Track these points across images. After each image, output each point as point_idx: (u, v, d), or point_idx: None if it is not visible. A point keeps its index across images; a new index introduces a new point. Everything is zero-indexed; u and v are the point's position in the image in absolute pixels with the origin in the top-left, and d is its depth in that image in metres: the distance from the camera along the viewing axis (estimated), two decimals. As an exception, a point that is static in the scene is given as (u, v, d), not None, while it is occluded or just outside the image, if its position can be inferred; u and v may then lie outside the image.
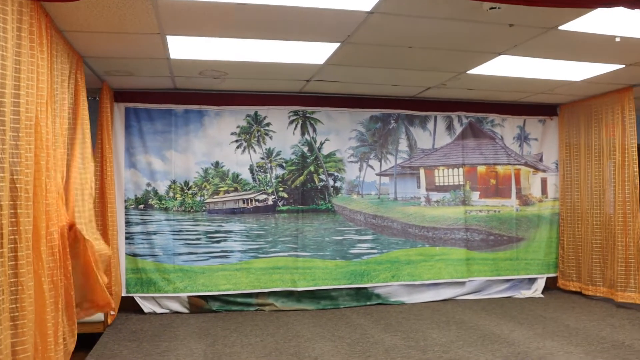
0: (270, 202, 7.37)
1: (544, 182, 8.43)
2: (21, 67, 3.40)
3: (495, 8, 4.17)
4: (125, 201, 6.95)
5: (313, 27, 4.67)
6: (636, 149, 7.09)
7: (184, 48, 5.25)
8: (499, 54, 5.59)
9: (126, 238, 6.91)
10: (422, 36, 4.97)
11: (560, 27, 4.78)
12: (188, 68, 6.02)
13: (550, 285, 8.34)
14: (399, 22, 4.55)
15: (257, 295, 7.20)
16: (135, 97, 6.96)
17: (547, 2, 3.32)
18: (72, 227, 4.49)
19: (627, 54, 5.67)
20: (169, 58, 5.56)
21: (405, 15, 4.38)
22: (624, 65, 6.12)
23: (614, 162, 7.35)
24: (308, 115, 7.48)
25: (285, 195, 7.43)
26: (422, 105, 7.82)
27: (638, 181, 7.06)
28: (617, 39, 5.10)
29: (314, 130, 7.49)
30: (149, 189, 7.04)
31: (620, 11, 4.36)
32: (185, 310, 7.01)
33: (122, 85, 6.74)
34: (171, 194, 7.08)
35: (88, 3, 3.98)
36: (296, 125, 7.45)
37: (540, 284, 8.22)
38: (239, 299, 7.15)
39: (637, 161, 7.09)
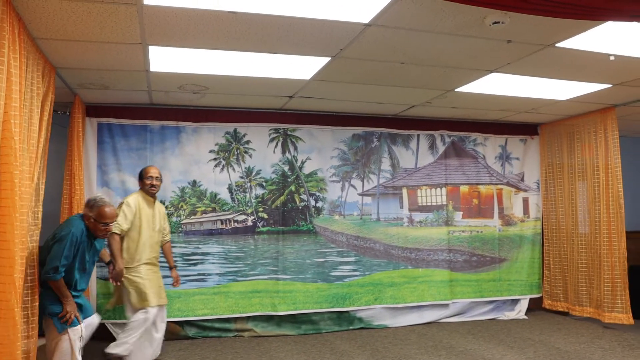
0: (249, 223, 7.08)
1: (525, 201, 8.35)
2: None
3: (498, 23, 4.03)
4: (96, 222, 6.55)
5: (306, 39, 4.45)
6: (620, 168, 7.05)
7: (165, 60, 4.97)
8: (491, 72, 5.47)
9: (98, 261, 6.51)
10: (417, 52, 4.79)
11: (558, 45, 4.67)
12: (167, 82, 5.74)
13: (533, 306, 8.22)
14: (396, 35, 4.36)
15: (235, 320, 6.87)
16: (109, 112, 6.63)
17: (561, 13, 3.16)
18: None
19: (617, 73, 5.62)
20: (148, 70, 5.27)
21: (404, 28, 4.19)
22: (611, 85, 6.08)
23: (597, 182, 7.30)
24: (289, 133, 7.24)
25: (265, 216, 7.14)
26: (405, 124, 7.67)
27: (622, 201, 7.02)
28: (612, 58, 5.03)
29: (295, 148, 7.25)
30: (122, 209, 6.67)
31: (616, 28, 4.30)
32: (160, 338, 6.64)
33: (95, 100, 6.40)
34: (146, 215, 6.72)
35: (67, 8, 3.69)
36: (277, 144, 7.20)
37: (524, 305, 8.10)
38: (216, 325, 6.80)
39: (621, 181, 7.06)
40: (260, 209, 7.12)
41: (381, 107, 7.04)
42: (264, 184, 7.14)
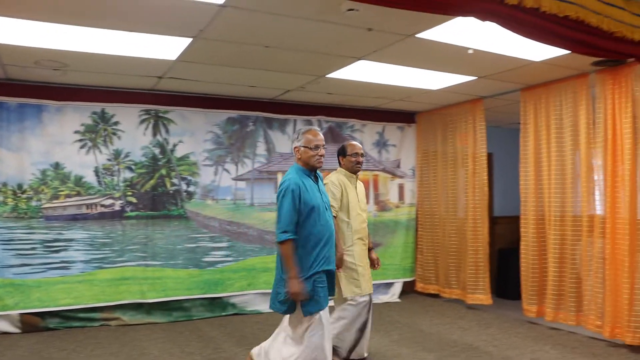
0: (117, 208, 6.79)
1: (401, 188, 8.55)
2: None
3: (353, 10, 4.02)
4: (-56, 206, 6.07)
5: (162, 18, 4.28)
6: (485, 157, 7.36)
7: (13, 32, 4.60)
8: (359, 59, 5.51)
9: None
10: (279, 36, 4.73)
11: (418, 35, 4.76)
12: (20, 56, 5.33)
13: (407, 289, 8.47)
14: (254, 18, 4.27)
15: (102, 309, 6.59)
16: (-41, 87, 6.13)
17: (402, 4, 3.18)
18: None
19: (479, 66, 5.83)
20: (-7, 43, 4.89)
21: (260, 11, 4.11)
22: (476, 77, 6.30)
23: (466, 170, 7.58)
24: (161, 114, 6.98)
25: (134, 200, 6.87)
26: (281, 108, 7.61)
27: (487, 188, 7.33)
28: (470, 51, 5.20)
29: (167, 131, 7.00)
30: (-26, 192, 6.22)
31: (473, 24, 4.42)
32: (17, 330, 6.22)
33: (-60, 73, 5.89)
34: (1, 198, 6.28)
35: None
36: (147, 125, 6.92)
37: (397, 288, 8.32)
38: (80, 315, 6.49)
39: (486, 169, 7.36)
40: (129, 193, 6.84)
41: (255, 90, 6.94)
42: (133, 167, 6.86)
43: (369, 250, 5.22)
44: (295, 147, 4.13)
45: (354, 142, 5.16)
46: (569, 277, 6.15)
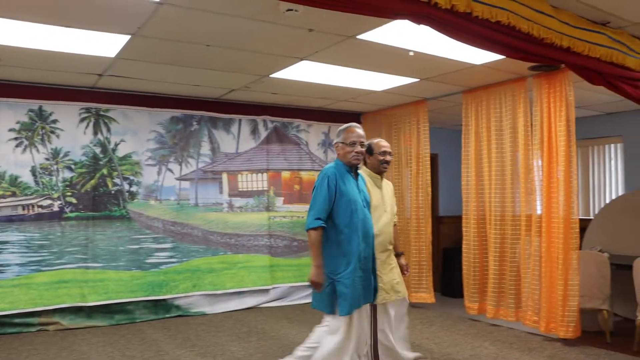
0: (55, 208, 6.60)
1: (346, 188, 8.57)
2: None
3: (292, 10, 4.02)
4: None
5: (99, 15, 4.19)
6: (429, 158, 7.47)
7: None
8: (301, 59, 5.51)
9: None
10: (219, 34, 4.70)
11: (359, 37, 4.80)
12: (-52, 50, 5.15)
13: (352, 289, 8.50)
14: (192, 16, 4.23)
15: (39, 313, 6.39)
16: None
17: (333, 6, 3.17)
18: None
19: (421, 68, 5.92)
20: None
21: (197, 9, 4.07)
22: (418, 79, 6.38)
23: (411, 170, 7.67)
24: (102, 113, 6.83)
25: (74, 201, 6.70)
26: (226, 108, 7.56)
27: (430, 189, 7.44)
28: (411, 53, 5.27)
29: (108, 129, 6.86)
30: None
31: (413, 26, 4.48)
32: (-54, 337, 6.02)
33: None
34: None
35: None
36: (88, 124, 6.76)
37: (343, 288, 8.34)
38: (16, 320, 6.26)
39: (429, 169, 7.47)
40: (69, 193, 6.67)
41: (199, 89, 6.87)
42: (73, 166, 6.68)
43: (397, 255, 4.79)
44: (335, 144, 4.14)
45: (380, 140, 4.73)
46: (508, 275, 6.31)
